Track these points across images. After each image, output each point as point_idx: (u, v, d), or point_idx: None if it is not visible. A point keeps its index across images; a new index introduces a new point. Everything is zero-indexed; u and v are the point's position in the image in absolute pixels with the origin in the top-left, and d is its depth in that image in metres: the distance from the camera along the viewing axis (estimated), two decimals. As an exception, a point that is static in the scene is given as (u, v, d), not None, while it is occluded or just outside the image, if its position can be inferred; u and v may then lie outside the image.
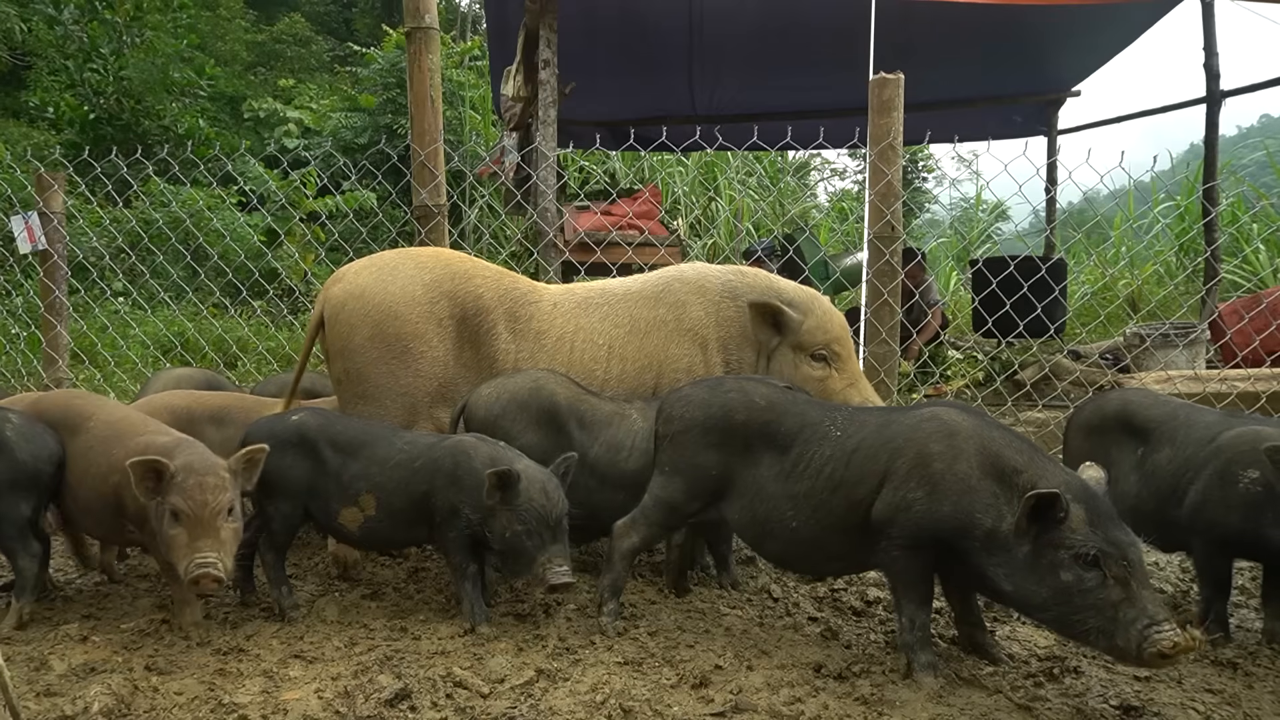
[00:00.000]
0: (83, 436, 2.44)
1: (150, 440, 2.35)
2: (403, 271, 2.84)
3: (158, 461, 2.11)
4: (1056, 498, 1.77)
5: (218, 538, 2.10)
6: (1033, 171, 4.94)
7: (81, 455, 2.42)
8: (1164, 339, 5.35)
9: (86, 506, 2.43)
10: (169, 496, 2.11)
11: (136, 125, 10.54)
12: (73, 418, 2.49)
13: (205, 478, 2.13)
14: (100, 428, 2.43)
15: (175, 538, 2.10)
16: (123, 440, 2.36)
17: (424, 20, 3.58)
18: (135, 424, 2.45)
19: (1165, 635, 1.66)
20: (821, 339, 2.85)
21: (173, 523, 2.10)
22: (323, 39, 17.67)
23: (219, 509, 2.11)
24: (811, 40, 6.67)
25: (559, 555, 2.25)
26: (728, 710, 1.90)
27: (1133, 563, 1.74)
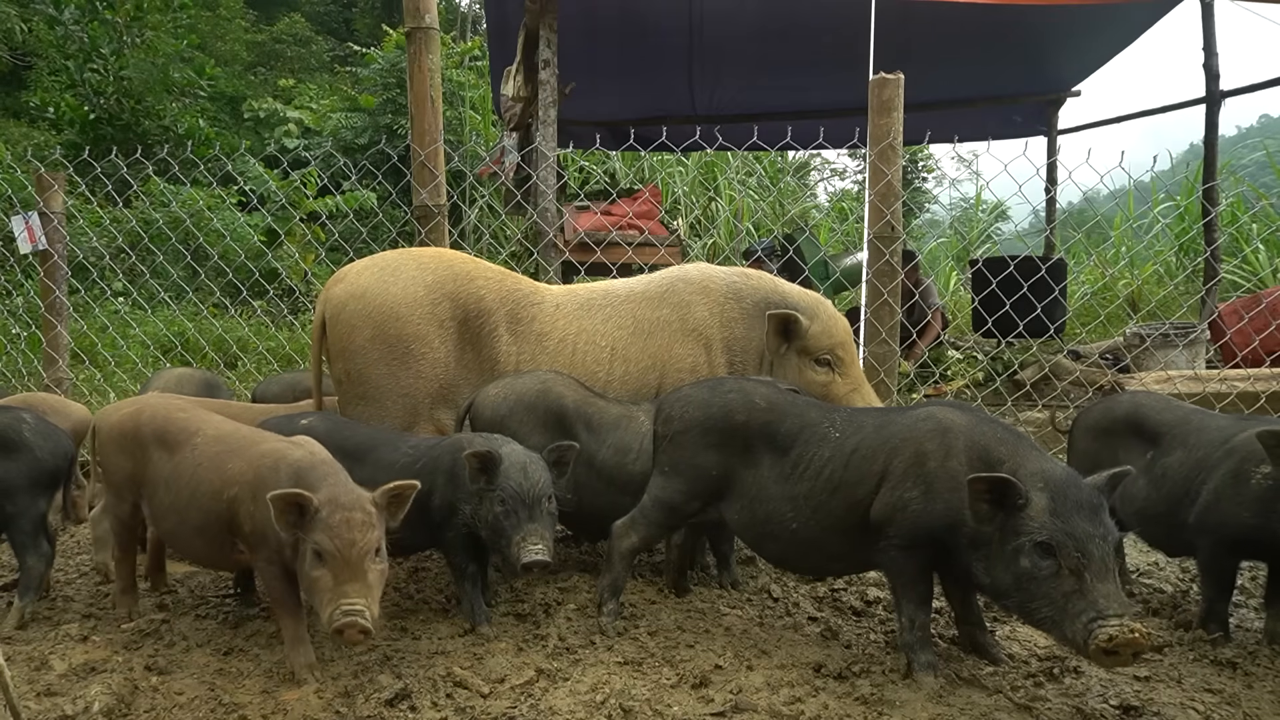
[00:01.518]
0: (187, 452, 2.23)
1: (274, 450, 2.13)
2: (404, 272, 2.84)
3: (301, 495, 1.89)
4: (1007, 482, 1.77)
5: (365, 581, 1.87)
6: (1033, 171, 4.94)
7: (189, 472, 2.20)
8: (1164, 339, 5.35)
9: (196, 527, 2.20)
10: (313, 534, 1.89)
11: (136, 125, 10.54)
12: (175, 432, 2.29)
13: (352, 514, 1.90)
14: (209, 442, 2.23)
15: (318, 580, 1.88)
16: (239, 453, 2.16)
17: (424, 20, 3.58)
18: (248, 435, 2.26)
19: (1106, 629, 1.65)
20: (826, 344, 2.86)
21: (316, 563, 1.89)
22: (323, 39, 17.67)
23: (366, 549, 1.89)
24: (811, 40, 6.67)
25: (534, 534, 2.20)
26: (728, 710, 1.90)
27: (1090, 555, 1.72)
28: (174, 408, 2.41)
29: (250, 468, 2.09)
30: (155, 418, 2.35)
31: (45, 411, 3.11)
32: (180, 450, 2.26)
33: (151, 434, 2.32)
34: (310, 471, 2.02)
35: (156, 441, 2.31)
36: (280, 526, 1.90)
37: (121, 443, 2.38)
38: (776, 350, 2.87)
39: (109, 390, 5.11)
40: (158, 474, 2.28)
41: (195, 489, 2.17)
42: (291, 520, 1.91)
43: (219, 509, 2.12)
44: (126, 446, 2.37)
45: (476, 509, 2.29)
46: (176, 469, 2.23)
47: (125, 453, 2.37)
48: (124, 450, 2.37)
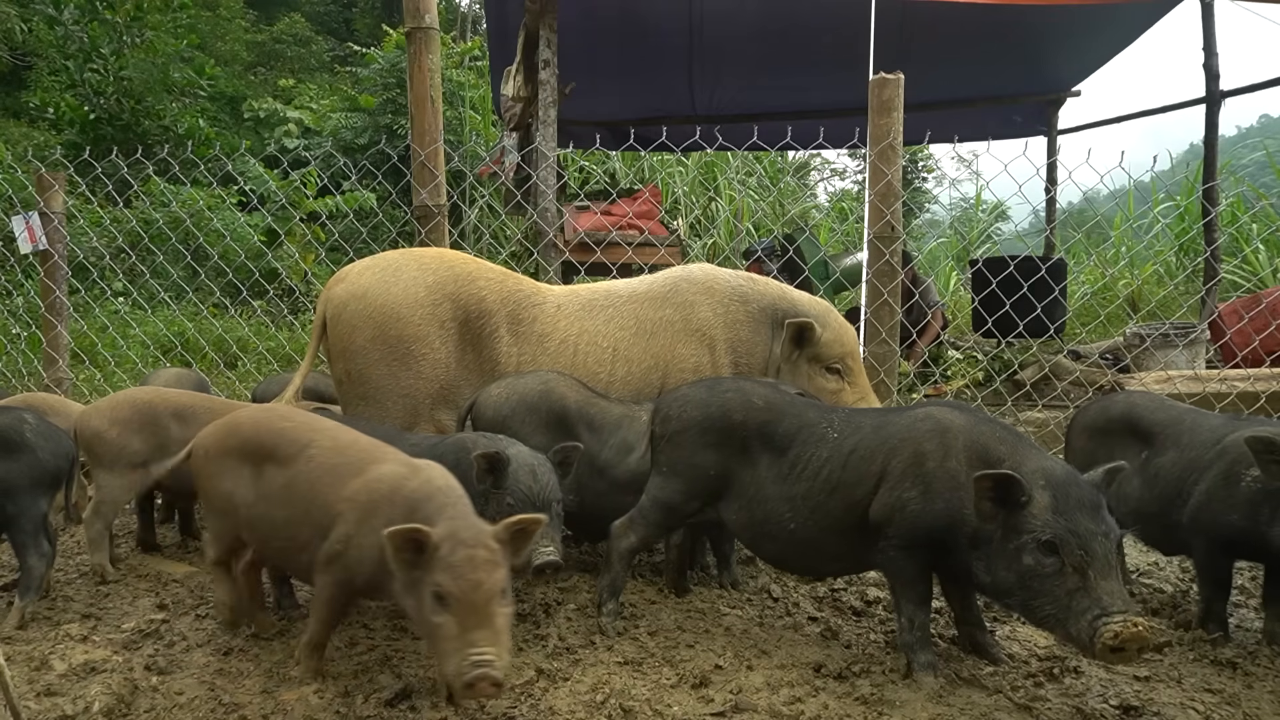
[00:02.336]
0: (300, 465, 2.04)
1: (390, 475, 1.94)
2: (405, 273, 2.84)
3: (419, 532, 1.69)
4: (1011, 479, 1.78)
5: (493, 627, 1.66)
6: (1033, 171, 4.95)
7: (303, 487, 2.01)
8: (1164, 339, 5.35)
9: (304, 544, 2.00)
10: (433, 574, 1.68)
11: (137, 125, 10.54)
12: (285, 445, 2.09)
13: (475, 551, 1.70)
14: (325, 455, 2.04)
15: (441, 627, 1.67)
16: (360, 471, 1.97)
17: (424, 20, 3.58)
18: (368, 450, 2.05)
19: (1111, 626, 1.65)
20: (838, 352, 2.88)
21: (437, 608, 1.67)
22: (323, 39, 17.68)
23: (493, 591, 1.68)
24: (811, 40, 6.67)
25: (544, 537, 2.19)
26: (728, 710, 1.90)
27: (1093, 553, 1.72)
28: (279, 416, 2.20)
29: (365, 489, 1.91)
30: (260, 430, 2.14)
31: (45, 412, 3.12)
32: (293, 464, 2.05)
33: (258, 448, 2.12)
34: (426, 502, 1.82)
35: (265, 455, 2.11)
36: (397, 566, 1.71)
37: (224, 462, 2.17)
38: (789, 357, 2.87)
39: (109, 390, 5.11)
40: (269, 489, 2.08)
41: (306, 505, 1.99)
42: (408, 559, 1.71)
43: (326, 526, 1.96)
44: (229, 465, 2.16)
45: (482, 509, 2.29)
46: (290, 484, 2.03)
47: (228, 472, 2.16)
48: (226, 469, 2.16)
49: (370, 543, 1.82)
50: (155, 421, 2.90)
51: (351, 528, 1.90)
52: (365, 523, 1.87)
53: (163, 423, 2.90)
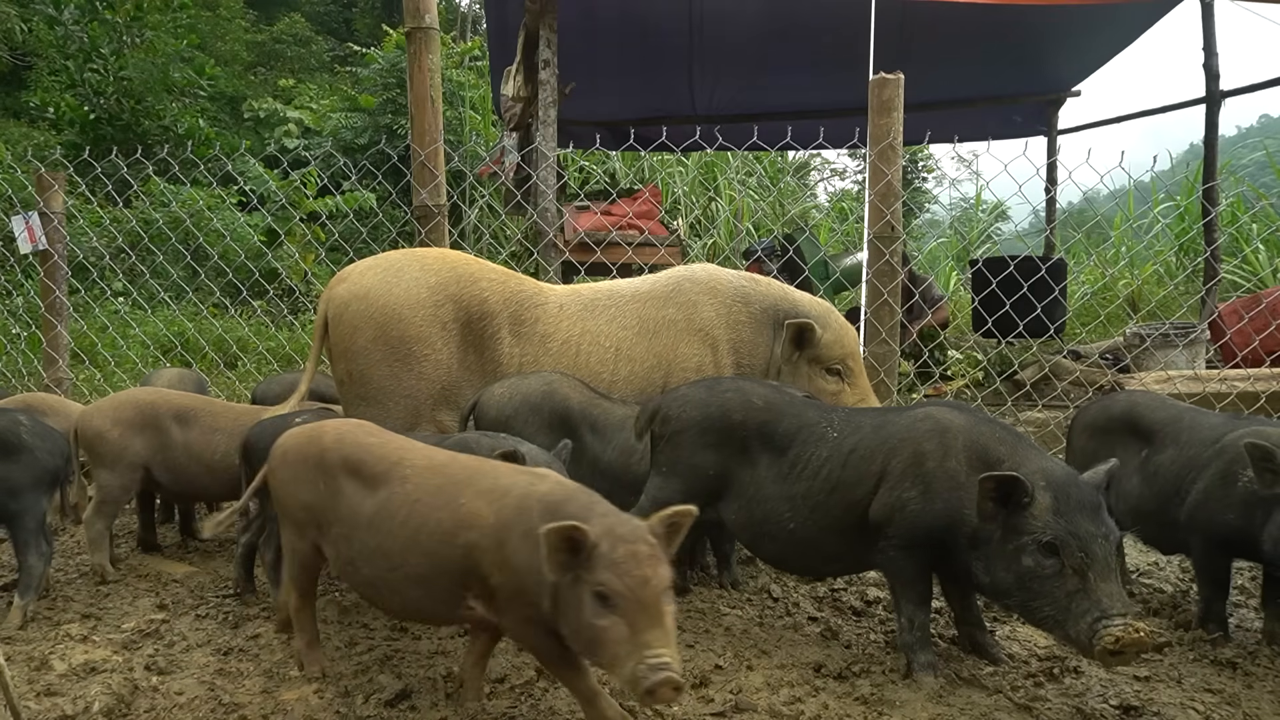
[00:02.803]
0: (396, 485, 1.85)
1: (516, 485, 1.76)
2: (407, 273, 2.84)
3: (576, 529, 1.55)
4: (1016, 480, 1.78)
5: (665, 626, 1.54)
6: (1033, 171, 4.95)
7: (402, 510, 1.82)
8: (1164, 339, 5.35)
9: (415, 576, 1.81)
10: (594, 573, 1.55)
11: (136, 125, 10.54)
12: (373, 462, 1.91)
13: (637, 547, 1.57)
14: (423, 473, 1.86)
15: (607, 630, 1.53)
16: (470, 487, 1.80)
17: (424, 20, 3.58)
18: (471, 465, 1.89)
19: (1111, 630, 1.65)
20: (838, 353, 2.88)
21: (600, 609, 1.54)
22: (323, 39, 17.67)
23: (661, 588, 1.55)
24: (811, 40, 6.68)
25: None
26: (728, 710, 1.90)
27: (1094, 555, 1.73)
28: (364, 431, 2.04)
29: (491, 508, 1.74)
30: (344, 443, 1.97)
31: (45, 412, 3.13)
32: (385, 484, 1.87)
33: (340, 462, 1.94)
34: (567, 503, 1.67)
35: (348, 472, 1.92)
36: (551, 568, 1.57)
37: (301, 471, 2.00)
38: (789, 358, 2.88)
39: (109, 390, 5.11)
40: (353, 512, 1.89)
41: (415, 531, 1.79)
42: (564, 561, 1.57)
43: (451, 555, 1.75)
44: (307, 476, 1.99)
45: None
46: (383, 507, 1.84)
47: (305, 483, 1.98)
48: (303, 480, 1.99)
49: (519, 562, 1.66)
50: (157, 423, 2.91)
51: (497, 553, 1.70)
52: (507, 543, 1.69)
53: (164, 424, 2.92)
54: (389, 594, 1.88)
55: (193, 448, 2.91)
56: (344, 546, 1.91)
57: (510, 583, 1.69)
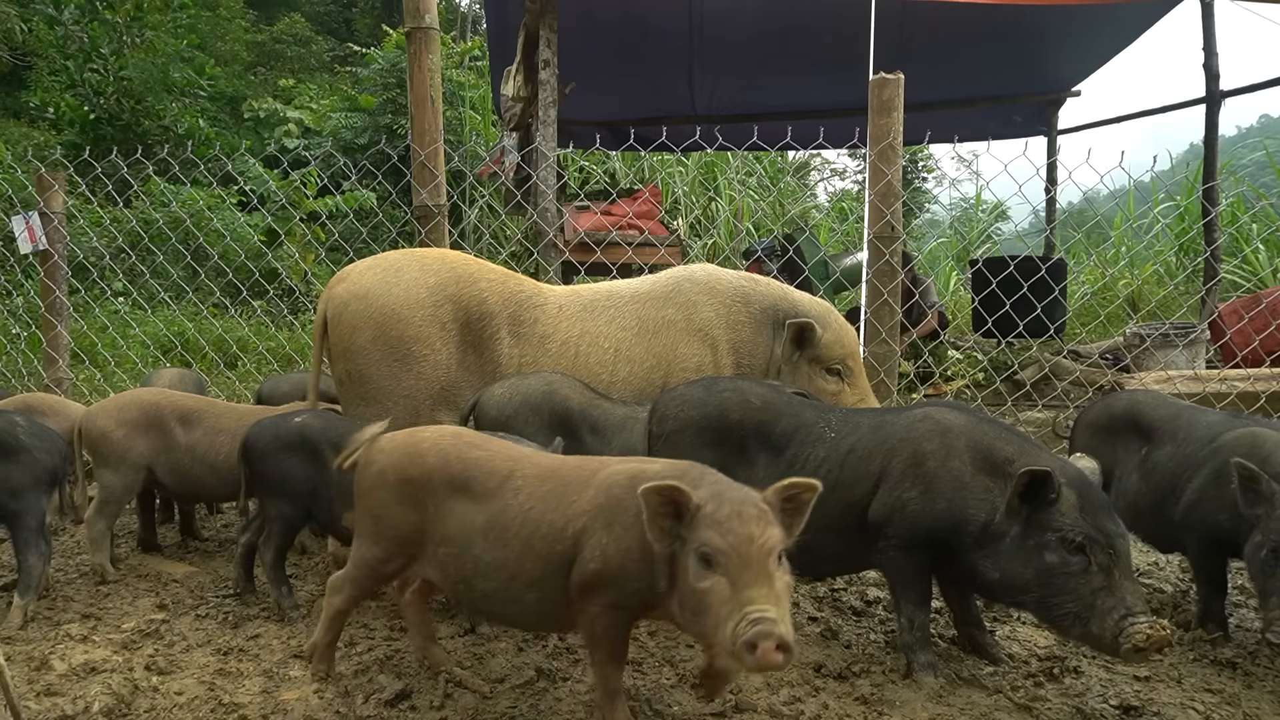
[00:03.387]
0: (509, 497, 1.78)
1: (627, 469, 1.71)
2: (407, 273, 2.84)
3: (677, 489, 1.50)
4: (1049, 476, 1.78)
5: (772, 586, 1.46)
6: (1033, 171, 4.95)
7: (516, 519, 1.75)
8: (1164, 339, 5.35)
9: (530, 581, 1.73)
10: (697, 533, 1.50)
11: (136, 125, 10.54)
12: (482, 475, 1.83)
13: (743, 508, 1.52)
14: (535, 480, 1.80)
15: (709, 591, 1.48)
16: (584, 483, 1.74)
17: (424, 20, 3.58)
18: (584, 464, 1.83)
19: (1140, 628, 1.67)
20: (838, 354, 2.88)
21: (703, 570, 1.49)
22: (323, 39, 17.68)
23: (769, 547, 1.49)
24: (811, 40, 6.67)
25: None
26: (728, 710, 1.90)
27: (1119, 553, 1.74)
28: (466, 443, 1.92)
29: (601, 492, 1.69)
30: (450, 461, 1.86)
31: (45, 412, 3.13)
32: (497, 496, 1.80)
33: (448, 482, 1.84)
34: (680, 478, 1.59)
35: (458, 491, 1.83)
36: (654, 533, 1.52)
37: (403, 492, 1.88)
38: (790, 358, 2.88)
39: (109, 390, 5.11)
40: (465, 530, 1.80)
41: (529, 537, 1.73)
42: (667, 526, 1.53)
43: (561, 551, 1.70)
44: (411, 497, 1.86)
45: None
46: (497, 519, 1.77)
47: (408, 504, 1.86)
48: (406, 501, 1.86)
49: (627, 543, 1.60)
50: (161, 423, 2.91)
51: (603, 535, 1.65)
52: (614, 523, 1.64)
53: (168, 425, 2.91)
54: (507, 604, 1.80)
55: (196, 449, 2.91)
56: (455, 566, 1.81)
57: (611, 566, 1.63)
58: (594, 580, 1.65)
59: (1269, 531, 1.98)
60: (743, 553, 1.46)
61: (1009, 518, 1.84)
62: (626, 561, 1.62)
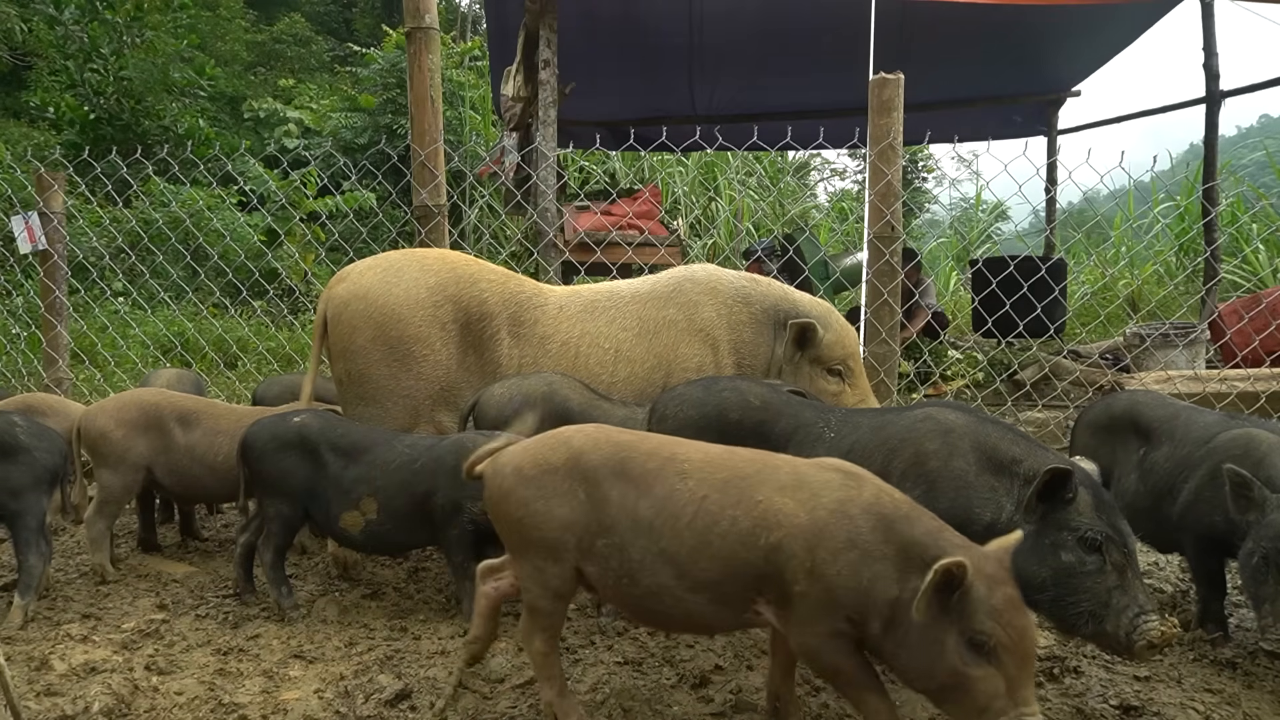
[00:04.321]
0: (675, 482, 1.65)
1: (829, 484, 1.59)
2: (407, 274, 2.84)
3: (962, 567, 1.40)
4: (1070, 475, 1.78)
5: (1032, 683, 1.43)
6: (1033, 171, 4.95)
7: (686, 511, 1.62)
8: (1164, 339, 5.35)
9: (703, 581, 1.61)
10: (971, 620, 1.41)
11: (136, 125, 10.54)
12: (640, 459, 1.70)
13: (1010, 590, 1.44)
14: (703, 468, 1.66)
15: (979, 682, 1.40)
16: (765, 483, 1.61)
17: (424, 20, 3.58)
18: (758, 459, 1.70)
19: (1153, 626, 1.68)
20: (839, 354, 2.88)
21: (973, 658, 1.41)
22: (323, 39, 17.68)
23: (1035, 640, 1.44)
24: (811, 40, 6.67)
25: None
26: (728, 710, 1.90)
27: (1131, 552, 1.76)
28: (615, 430, 1.80)
29: (802, 508, 1.56)
30: (598, 443, 1.74)
31: (45, 412, 3.13)
32: (660, 481, 1.66)
33: (601, 463, 1.70)
34: (905, 523, 1.52)
35: (613, 473, 1.69)
36: (923, 608, 1.41)
37: (549, 484, 1.72)
38: (791, 358, 2.88)
39: (109, 390, 5.11)
40: (627, 517, 1.66)
41: (705, 531, 1.60)
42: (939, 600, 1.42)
43: (749, 559, 1.57)
44: (559, 487, 1.71)
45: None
46: (664, 507, 1.64)
47: (558, 496, 1.70)
48: (554, 493, 1.71)
49: (836, 570, 1.50)
50: (161, 424, 2.91)
51: (807, 559, 1.52)
52: (818, 548, 1.52)
53: (168, 425, 2.92)
54: (671, 604, 1.65)
55: (195, 449, 2.91)
56: (617, 559, 1.67)
57: (818, 593, 1.52)
58: (801, 606, 1.54)
59: (1259, 538, 1.98)
60: (1021, 649, 1.41)
61: (1025, 516, 1.84)
62: (833, 589, 1.51)
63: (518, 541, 1.76)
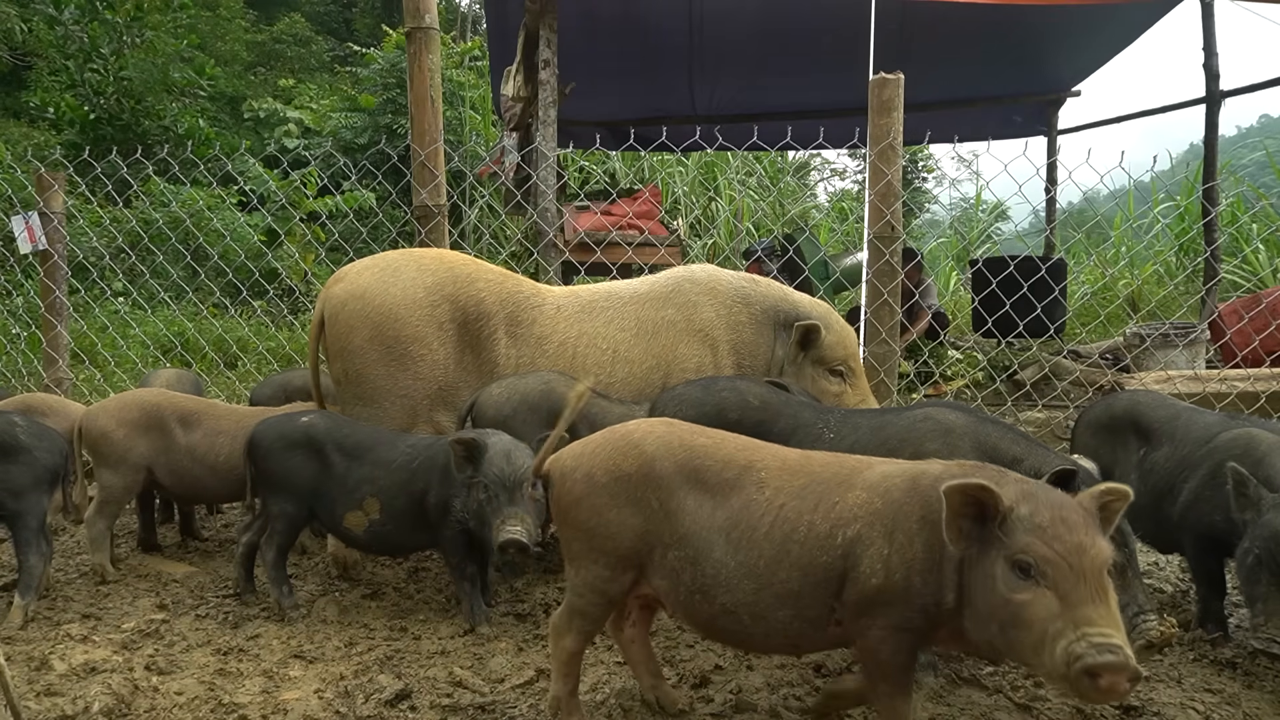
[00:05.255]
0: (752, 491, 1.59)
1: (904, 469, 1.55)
2: (404, 273, 2.84)
3: (982, 488, 1.35)
4: (1074, 474, 1.78)
5: (1110, 606, 1.30)
6: (1033, 171, 4.96)
7: (765, 519, 1.56)
8: (1164, 339, 5.35)
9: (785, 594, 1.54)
10: (1013, 538, 1.34)
11: (136, 125, 10.54)
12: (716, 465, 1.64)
13: (1066, 512, 1.35)
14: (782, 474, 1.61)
15: (1030, 604, 1.31)
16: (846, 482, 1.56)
17: (424, 20, 3.58)
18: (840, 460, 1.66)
19: (1152, 625, 1.69)
20: (841, 355, 2.89)
21: (1019, 580, 1.33)
22: (323, 39, 17.67)
23: (1101, 560, 1.32)
24: (811, 40, 6.67)
25: (513, 517, 2.21)
26: (728, 710, 1.90)
27: (1132, 551, 1.77)
28: (685, 430, 1.71)
29: (876, 495, 1.51)
30: (674, 448, 1.66)
31: (45, 412, 3.13)
32: (738, 490, 1.59)
33: (676, 471, 1.63)
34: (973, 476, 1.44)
35: (689, 481, 1.62)
36: (952, 535, 1.37)
37: (621, 490, 1.65)
38: (794, 359, 2.88)
39: (109, 390, 5.11)
40: (701, 530, 1.59)
41: (784, 540, 1.53)
42: (965, 528, 1.37)
43: (826, 563, 1.51)
44: (631, 494, 1.64)
45: (466, 501, 2.30)
46: (740, 517, 1.57)
47: (630, 504, 1.64)
48: (626, 500, 1.64)
49: (912, 553, 1.45)
50: (161, 424, 2.91)
51: (884, 545, 1.47)
52: (896, 531, 1.47)
53: (168, 426, 2.92)
54: (752, 621, 1.57)
55: (196, 450, 2.91)
56: (690, 573, 1.59)
57: (894, 580, 1.45)
58: (875, 598, 1.47)
59: (1254, 538, 1.99)
60: (1074, 564, 1.29)
61: None
62: (911, 574, 1.45)
63: (583, 549, 1.69)
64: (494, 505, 2.23)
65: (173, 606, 2.58)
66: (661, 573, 1.64)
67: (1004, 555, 1.34)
